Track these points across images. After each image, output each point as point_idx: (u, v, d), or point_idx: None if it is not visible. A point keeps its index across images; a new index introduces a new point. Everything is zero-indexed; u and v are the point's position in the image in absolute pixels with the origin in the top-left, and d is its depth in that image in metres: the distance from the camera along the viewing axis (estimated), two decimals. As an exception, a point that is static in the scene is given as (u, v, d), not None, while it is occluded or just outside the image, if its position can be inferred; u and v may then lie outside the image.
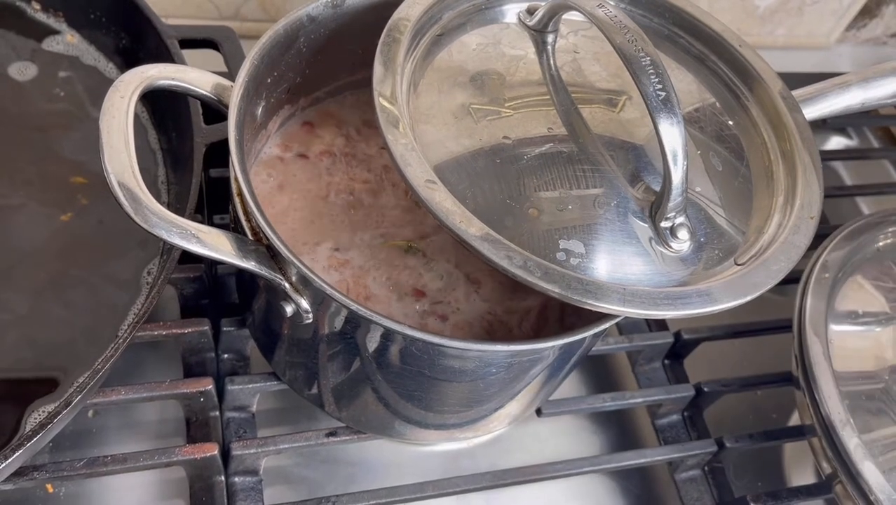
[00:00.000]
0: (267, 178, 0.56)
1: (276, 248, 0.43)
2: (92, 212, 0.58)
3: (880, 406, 0.57)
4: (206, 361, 0.58)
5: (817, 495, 0.61)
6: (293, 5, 0.77)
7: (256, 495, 0.55)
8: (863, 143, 0.96)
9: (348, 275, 0.52)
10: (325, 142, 0.58)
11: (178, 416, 0.57)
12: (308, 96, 0.58)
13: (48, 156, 0.60)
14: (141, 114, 0.63)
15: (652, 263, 0.43)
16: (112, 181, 0.41)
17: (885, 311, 0.63)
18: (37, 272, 0.55)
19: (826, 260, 0.62)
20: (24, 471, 0.49)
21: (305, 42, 0.53)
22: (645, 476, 0.64)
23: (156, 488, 0.56)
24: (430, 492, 0.55)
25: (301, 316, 0.45)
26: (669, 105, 0.42)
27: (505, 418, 0.56)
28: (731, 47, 0.54)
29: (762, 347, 0.72)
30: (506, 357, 0.46)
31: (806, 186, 0.49)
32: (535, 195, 0.43)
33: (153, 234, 0.41)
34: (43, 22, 0.66)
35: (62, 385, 0.50)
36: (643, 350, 0.66)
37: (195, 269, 0.57)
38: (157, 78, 0.47)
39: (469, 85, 0.48)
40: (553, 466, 0.59)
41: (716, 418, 0.66)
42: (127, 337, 0.49)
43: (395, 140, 0.42)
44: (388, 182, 0.57)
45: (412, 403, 0.51)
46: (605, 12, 0.44)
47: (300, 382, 0.54)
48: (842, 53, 1.04)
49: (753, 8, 0.93)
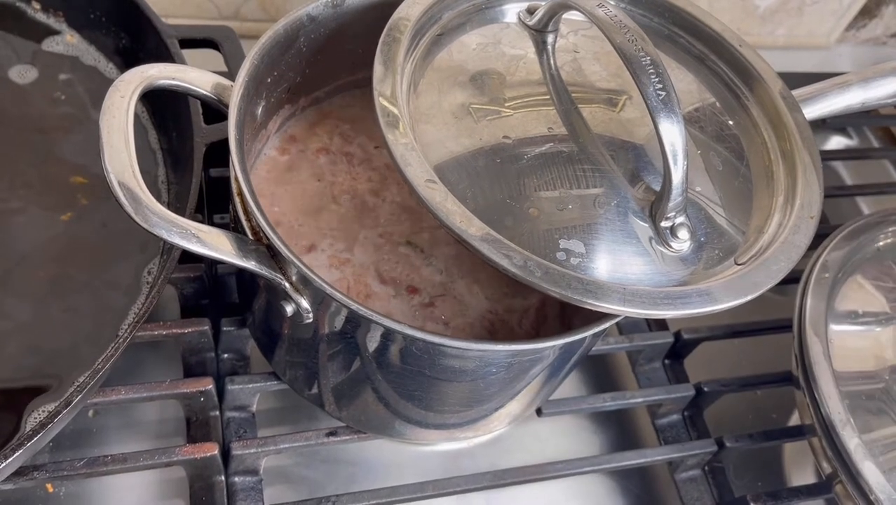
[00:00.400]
0: (267, 178, 0.56)
1: (276, 248, 0.43)
2: (92, 212, 0.58)
3: (880, 406, 0.57)
4: (206, 360, 0.58)
5: (817, 495, 0.61)
6: (293, 5, 0.77)
7: (256, 495, 0.55)
8: (863, 143, 0.96)
9: (349, 273, 0.52)
10: (325, 141, 0.58)
11: (179, 415, 0.57)
12: (308, 96, 0.58)
13: (48, 156, 0.60)
14: (141, 114, 0.63)
15: (652, 262, 0.43)
16: (112, 181, 0.41)
17: (885, 310, 0.63)
18: (37, 272, 0.55)
19: (826, 260, 0.62)
20: (24, 471, 0.49)
21: (305, 42, 0.53)
22: (645, 476, 0.64)
23: (156, 488, 0.56)
24: (431, 492, 0.55)
25: (301, 316, 0.45)
26: (670, 105, 0.42)
27: (505, 418, 0.56)
28: (732, 47, 0.54)
29: (762, 347, 0.72)
30: (506, 357, 0.46)
31: (806, 186, 0.49)
32: (536, 195, 0.43)
33: (153, 233, 0.41)
34: (43, 22, 0.66)
35: (62, 385, 0.50)
36: (643, 350, 0.66)
37: (195, 268, 0.57)
38: (158, 78, 0.47)
39: (469, 85, 0.48)
40: (553, 466, 0.59)
41: (716, 418, 0.66)
42: (127, 337, 0.49)
43: (395, 140, 0.42)
44: (389, 181, 0.57)
45: (412, 402, 0.51)
46: (606, 12, 0.44)
47: (300, 381, 0.54)
48: (842, 53, 1.04)
49: (753, 8, 0.93)
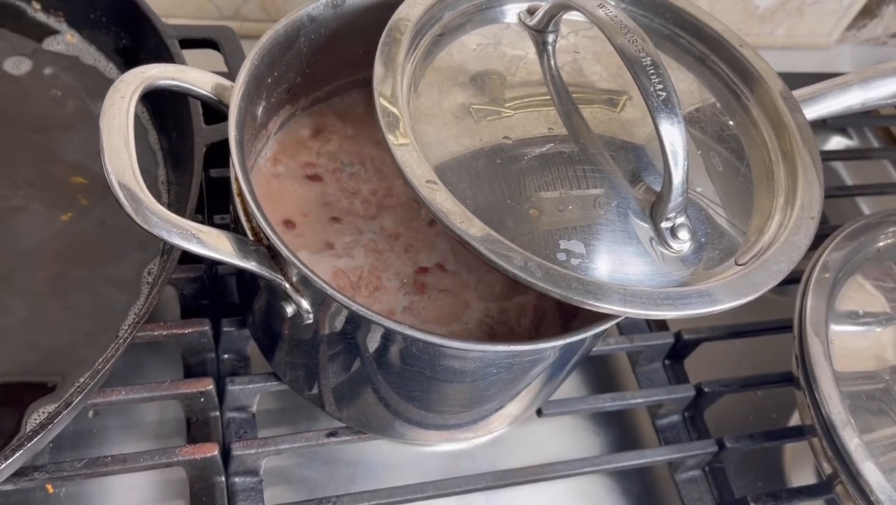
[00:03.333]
0: (267, 177, 0.56)
1: (276, 249, 0.43)
2: (92, 212, 0.58)
3: (881, 406, 0.57)
4: (206, 361, 0.58)
5: (818, 495, 0.61)
6: (293, 5, 0.77)
7: (257, 496, 0.55)
8: (863, 143, 0.96)
9: (351, 273, 0.52)
10: (326, 141, 0.58)
11: (179, 416, 0.57)
12: (308, 96, 0.58)
13: (48, 156, 0.60)
14: (141, 114, 0.63)
15: (652, 263, 0.43)
16: (112, 181, 0.41)
17: (886, 311, 0.63)
18: (37, 272, 0.55)
19: (826, 260, 0.62)
20: (24, 471, 0.49)
21: (306, 42, 0.53)
22: (645, 476, 0.64)
23: (156, 489, 0.56)
24: (431, 492, 0.55)
25: (301, 316, 0.45)
26: (670, 105, 0.42)
27: (505, 419, 0.56)
28: (732, 47, 0.54)
29: (762, 347, 0.72)
30: (506, 357, 0.46)
31: (806, 187, 0.49)
32: (536, 195, 0.43)
33: (153, 234, 0.41)
34: (43, 22, 0.65)
35: (62, 385, 0.50)
36: (643, 350, 0.66)
37: (195, 269, 0.57)
38: (158, 78, 0.47)
39: (469, 85, 0.48)
40: (553, 467, 0.59)
41: (716, 418, 0.66)
42: (127, 337, 0.49)
43: (395, 140, 0.42)
44: (393, 180, 0.57)
45: (413, 403, 0.51)
46: (606, 12, 0.44)
47: (300, 382, 0.54)
48: (842, 53, 1.04)
49: (753, 8, 0.93)
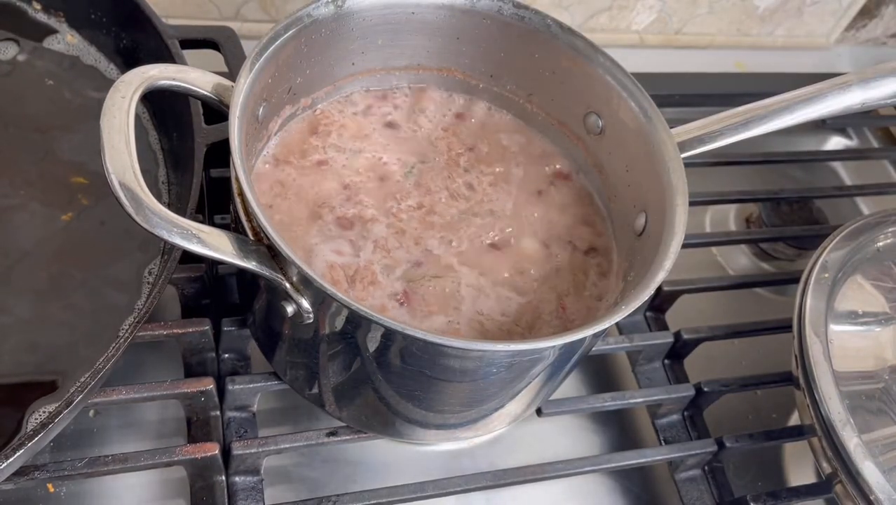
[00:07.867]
0: (267, 177, 0.56)
1: (276, 248, 0.43)
2: (93, 212, 0.58)
3: (880, 406, 0.57)
4: (206, 360, 0.58)
5: (817, 495, 0.61)
6: (293, 5, 0.77)
7: (257, 495, 0.55)
8: (863, 143, 0.96)
9: (353, 273, 0.52)
10: (326, 140, 0.58)
11: (179, 415, 0.57)
12: (309, 96, 0.58)
13: (48, 156, 0.60)
14: (142, 114, 0.63)
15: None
16: (113, 181, 0.41)
17: (885, 311, 0.63)
18: (38, 272, 0.55)
19: (826, 260, 0.62)
20: (25, 470, 0.49)
21: (306, 42, 0.53)
22: (645, 476, 0.64)
23: (156, 488, 0.56)
24: (431, 491, 0.55)
25: (302, 316, 0.45)
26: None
27: (505, 418, 0.56)
28: None
29: (762, 347, 0.72)
30: (506, 357, 0.46)
31: None
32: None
33: (154, 234, 0.41)
34: (43, 22, 0.65)
35: (63, 385, 0.50)
36: (643, 350, 0.66)
37: (196, 269, 0.57)
38: (158, 78, 0.47)
39: None
40: (553, 466, 0.59)
41: (716, 418, 0.66)
42: (128, 337, 0.49)
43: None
44: (392, 181, 0.57)
45: (413, 402, 0.51)
46: None
47: (301, 381, 0.55)
48: (841, 54, 1.04)
49: (753, 8, 0.93)
